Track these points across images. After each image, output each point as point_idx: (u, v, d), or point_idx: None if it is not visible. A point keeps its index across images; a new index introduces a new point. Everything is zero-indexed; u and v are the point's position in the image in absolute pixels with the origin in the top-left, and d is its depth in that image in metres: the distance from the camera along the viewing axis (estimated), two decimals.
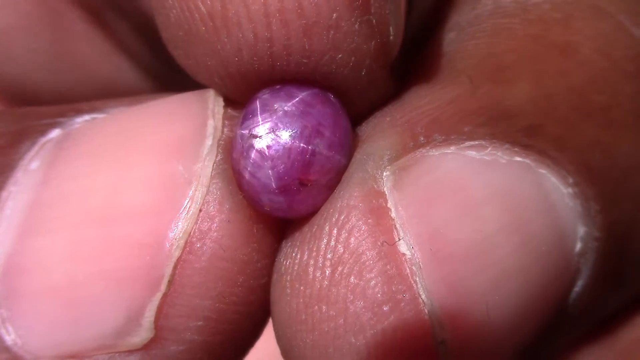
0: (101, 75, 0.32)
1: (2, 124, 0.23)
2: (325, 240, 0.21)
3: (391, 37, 0.21)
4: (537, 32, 0.24)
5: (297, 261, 0.21)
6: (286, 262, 0.21)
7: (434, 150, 0.21)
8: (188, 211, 0.21)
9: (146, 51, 0.32)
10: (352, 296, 0.20)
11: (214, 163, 0.21)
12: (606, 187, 0.22)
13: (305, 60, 0.21)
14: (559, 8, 0.24)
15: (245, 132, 0.21)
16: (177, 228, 0.20)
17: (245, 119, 0.21)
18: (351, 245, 0.21)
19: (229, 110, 0.22)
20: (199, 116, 0.22)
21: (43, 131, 0.22)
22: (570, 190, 0.22)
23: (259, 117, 0.21)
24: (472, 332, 0.21)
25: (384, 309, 0.20)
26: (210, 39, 0.21)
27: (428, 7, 0.26)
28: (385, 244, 0.20)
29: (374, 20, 0.21)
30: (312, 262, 0.21)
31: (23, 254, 0.21)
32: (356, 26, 0.20)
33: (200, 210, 0.21)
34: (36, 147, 0.22)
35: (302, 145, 0.21)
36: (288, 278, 0.21)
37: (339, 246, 0.21)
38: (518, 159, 0.21)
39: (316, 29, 0.20)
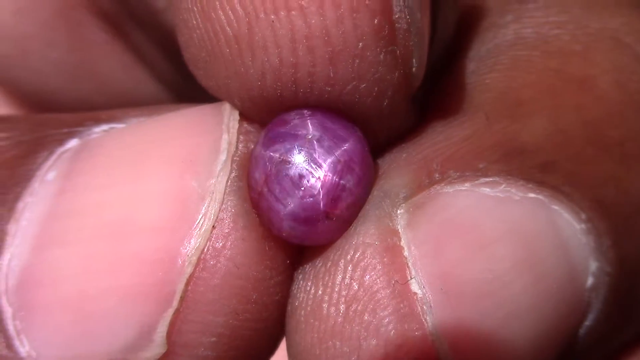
0: (119, 85, 0.32)
1: (19, 132, 0.22)
2: (340, 277, 0.21)
3: (414, 69, 0.21)
4: (556, 65, 0.24)
5: (311, 296, 0.21)
6: (300, 296, 0.22)
7: (448, 187, 0.21)
8: (201, 228, 0.20)
9: (165, 63, 0.32)
10: (365, 333, 0.21)
11: (227, 179, 0.21)
12: (618, 222, 0.22)
13: (328, 88, 0.21)
14: (578, 40, 0.24)
15: (275, 155, 0.21)
16: (190, 244, 0.20)
17: (273, 140, 0.21)
18: (366, 283, 0.21)
19: (245, 125, 0.22)
20: (214, 130, 0.21)
21: (61, 140, 0.22)
22: (583, 226, 0.22)
23: (292, 143, 0.21)
24: None
25: (397, 347, 0.20)
26: (234, 62, 0.21)
27: (449, 34, 0.26)
28: (398, 282, 0.21)
29: (398, 52, 0.21)
30: (326, 297, 0.21)
31: (37, 266, 0.21)
32: (381, 56, 0.20)
33: (214, 227, 0.20)
34: (53, 157, 0.22)
35: (335, 179, 0.21)
36: (302, 313, 0.21)
37: (354, 283, 0.21)
38: (532, 195, 0.22)
39: (342, 57, 0.20)
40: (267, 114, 0.22)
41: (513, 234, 0.21)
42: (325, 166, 0.21)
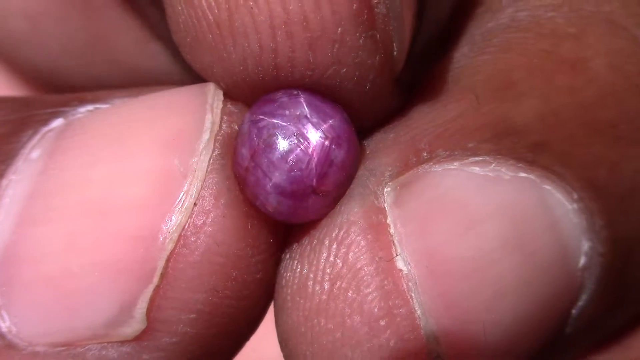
0: (133, 61, 0.32)
1: (4, 111, 0.23)
2: (324, 255, 0.21)
3: (395, 53, 0.21)
4: (549, 47, 0.24)
5: (297, 274, 0.21)
6: (287, 275, 0.22)
7: (437, 166, 0.21)
8: (182, 205, 0.21)
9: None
10: (349, 310, 0.21)
11: (210, 157, 0.21)
12: (611, 203, 0.22)
13: (309, 72, 0.21)
14: (573, 22, 0.24)
15: (263, 130, 0.21)
16: (171, 221, 0.20)
17: (261, 117, 0.21)
18: (349, 261, 0.21)
19: (229, 106, 0.22)
20: (198, 110, 0.22)
21: (45, 120, 0.22)
22: (575, 205, 0.22)
23: (280, 119, 0.21)
24: (468, 349, 0.21)
25: (381, 323, 0.21)
26: (217, 47, 0.21)
27: (444, 17, 0.26)
28: (382, 259, 0.21)
29: (378, 36, 0.21)
30: (311, 275, 0.21)
31: (20, 244, 0.21)
32: (360, 41, 0.20)
33: (195, 205, 0.21)
34: (38, 136, 0.22)
35: (323, 154, 0.21)
36: (289, 291, 0.22)
37: (338, 261, 0.21)
38: (522, 174, 0.22)
39: (321, 42, 0.20)
40: (252, 96, 0.22)
41: (502, 213, 0.21)
42: (313, 141, 0.21)
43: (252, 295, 0.22)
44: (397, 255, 0.21)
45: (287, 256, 0.22)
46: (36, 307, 0.21)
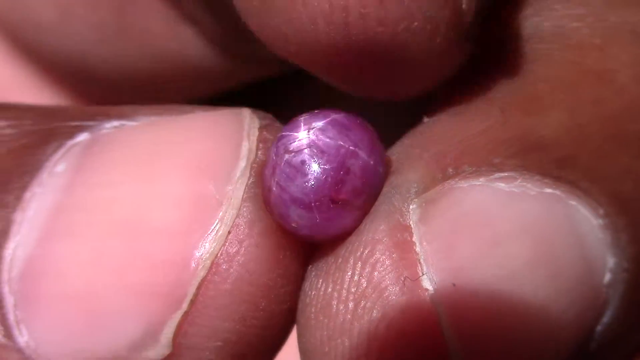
0: (165, 45, 0.32)
1: (29, 122, 0.22)
2: (349, 274, 0.21)
3: (464, 6, 0.21)
4: (574, 58, 0.24)
5: (321, 293, 0.21)
6: (311, 293, 0.22)
7: (462, 182, 0.21)
8: (217, 232, 0.20)
9: (211, 20, 0.31)
10: (374, 331, 0.20)
11: (246, 186, 0.21)
12: (637, 218, 0.22)
13: (381, 29, 0.20)
14: (598, 33, 0.24)
15: (281, 149, 0.21)
16: (204, 248, 0.20)
17: (281, 137, 0.21)
18: (374, 280, 0.21)
19: (264, 133, 0.22)
20: (234, 137, 0.21)
21: (71, 133, 0.22)
22: (600, 221, 0.22)
23: (296, 134, 0.21)
24: None
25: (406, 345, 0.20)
26: (286, 9, 0.21)
27: None
28: (408, 279, 0.20)
29: None
30: (335, 295, 0.21)
31: (43, 257, 0.20)
32: None
33: (229, 233, 0.21)
34: (63, 150, 0.22)
35: (336, 163, 0.21)
36: (312, 310, 0.21)
37: (363, 280, 0.21)
38: (548, 190, 0.21)
39: None
40: (323, 59, 0.22)
41: (528, 230, 0.21)
42: (326, 150, 0.21)
43: (278, 325, 0.22)
44: (423, 274, 0.20)
45: (313, 274, 0.22)
46: (57, 324, 0.20)
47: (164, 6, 0.31)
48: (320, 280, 0.21)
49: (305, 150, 0.21)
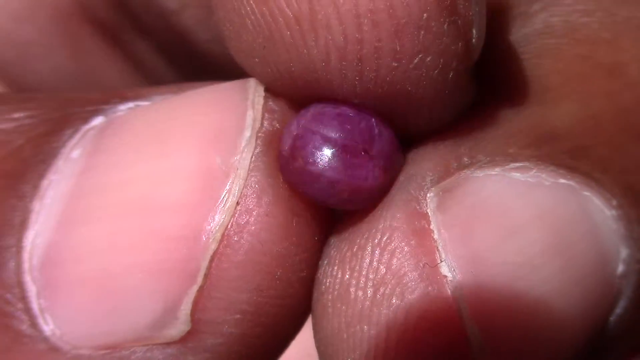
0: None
1: (45, 110, 0.22)
2: (367, 261, 0.21)
3: (474, 40, 0.21)
4: (584, 52, 0.24)
5: (338, 280, 0.21)
6: (327, 281, 0.22)
7: (478, 171, 0.21)
8: (225, 204, 0.20)
9: (167, 70, 0.32)
10: (393, 317, 0.20)
11: (252, 155, 0.21)
12: None
13: (395, 64, 0.20)
14: (607, 27, 0.24)
15: (311, 109, 0.21)
16: (213, 221, 0.20)
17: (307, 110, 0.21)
18: (393, 267, 0.21)
19: (270, 103, 0.22)
20: (239, 107, 0.21)
21: (86, 118, 0.22)
22: (614, 212, 0.22)
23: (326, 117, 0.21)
24: (513, 354, 0.21)
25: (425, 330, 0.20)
26: (296, 44, 0.20)
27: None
28: (427, 265, 0.20)
29: (460, 22, 0.20)
30: (353, 282, 0.21)
31: (62, 244, 0.21)
32: (445, 27, 0.20)
33: (238, 204, 0.20)
34: (78, 135, 0.22)
35: (367, 124, 0.21)
36: (329, 297, 0.21)
37: (381, 267, 0.21)
38: (562, 181, 0.21)
39: (407, 29, 0.20)
40: (332, 97, 0.22)
41: (544, 219, 0.21)
42: (361, 114, 0.21)
43: (297, 294, 0.21)
44: (441, 261, 0.20)
45: (325, 262, 0.22)
46: (79, 309, 0.20)
47: (118, 57, 0.32)
48: (336, 268, 0.21)
49: (342, 107, 0.21)
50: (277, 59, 0.21)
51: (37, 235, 0.21)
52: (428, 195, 0.21)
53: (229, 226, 0.20)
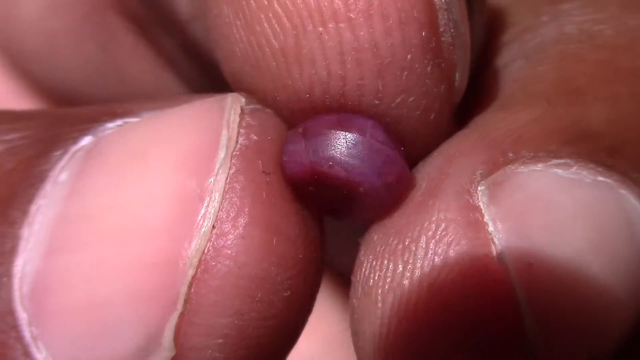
0: (147, 87, 0.33)
1: (35, 130, 0.22)
2: (422, 254, 0.21)
3: (457, 83, 0.21)
4: (605, 56, 0.24)
5: (389, 273, 0.21)
6: (374, 275, 0.21)
7: (523, 167, 0.21)
8: (200, 229, 0.20)
9: (194, 69, 0.32)
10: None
11: (227, 176, 0.20)
12: None
13: (377, 102, 0.21)
14: (622, 35, 0.24)
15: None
16: (190, 247, 0.20)
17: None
18: (451, 259, 0.21)
19: (247, 119, 0.21)
20: (214, 127, 0.21)
21: (75, 138, 0.22)
22: None
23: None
24: (568, 349, 0.21)
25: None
26: (281, 75, 0.21)
27: (480, 40, 0.27)
28: (485, 257, 0.20)
29: (444, 64, 0.21)
30: (407, 274, 0.21)
31: (49, 272, 0.21)
32: (428, 69, 0.20)
33: (214, 227, 0.20)
34: (67, 157, 0.22)
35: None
36: (379, 291, 0.21)
37: (437, 259, 0.21)
38: (601, 178, 0.21)
39: (390, 69, 0.20)
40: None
41: (587, 215, 0.21)
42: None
43: (281, 315, 0.21)
44: (497, 252, 0.20)
45: (370, 256, 0.22)
46: (69, 337, 0.21)
47: (146, 48, 0.32)
48: (385, 262, 0.21)
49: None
50: (264, 87, 0.21)
51: (26, 263, 0.21)
52: (479, 188, 0.21)
53: (205, 251, 0.20)
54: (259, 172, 0.21)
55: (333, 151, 0.21)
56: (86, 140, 0.22)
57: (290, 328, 0.21)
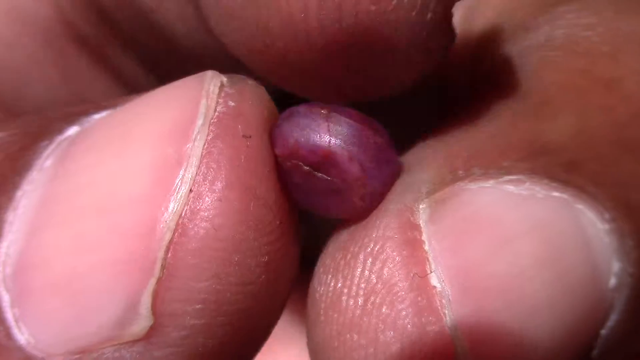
0: None
1: (24, 127, 0.23)
2: (359, 270, 0.21)
3: None
4: (583, 65, 0.24)
5: (330, 288, 0.21)
6: (320, 289, 0.22)
7: (472, 184, 0.21)
8: (178, 193, 0.20)
9: (150, 81, 0.33)
10: (383, 326, 0.21)
11: (204, 142, 0.20)
12: None
13: (373, 7, 0.20)
14: (608, 41, 0.24)
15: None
16: (167, 211, 0.20)
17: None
18: (384, 276, 0.21)
19: (226, 89, 0.21)
20: (193, 98, 0.21)
21: (61, 129, 0.23)
22: (606, 226, 0.21)
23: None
24: None
25: (413, 340, 0.20)
26: None
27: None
28: (417, 276, 0.20)
29: None
30: (345, 290, 0.21)
31: (31, 251, 0.21)
32: None
33: (191, 191, 0.20)
34: (53, 146, 0.22)
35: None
36: (322, 305, 0.21)
37: (373, 276, 0.21)
38: (556, 194, 0.21)
39: None
40: (310, 54, 0.22)
41: (536, 231, 0.21)
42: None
43: (259, 280, 0.21)
44: (431, 272, 0.21)
45: (321, 270, 0.22)
46: (50, 314, 0.20)
47: (102, 74, 0.32)
48: (330, 276, 0.22)
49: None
50: (257, 17, 0.21)
51: (9, 245, 0.21)
52: (421, 206, 0.21)
53: (182, 214, 0.20)
54: (238, 137, 0.21)
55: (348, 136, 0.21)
56: (72, 130, 0.22)
57: (270, 298, 0.21)
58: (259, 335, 0.22)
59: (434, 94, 0.30)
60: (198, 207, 0.20)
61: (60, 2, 0.31)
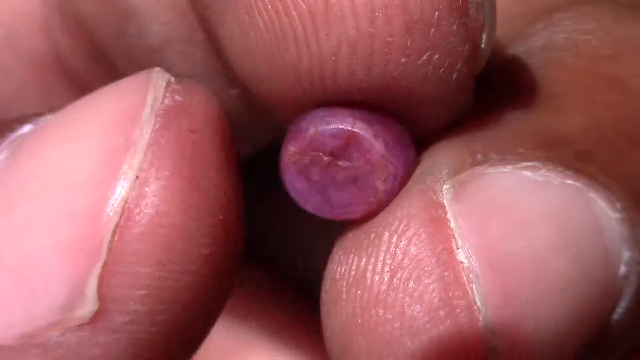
0: None
1: None
2: (384, 247, 0.21)
3: (482, 45, 0.22)
4: (586, 65, 0.25)
5: (354, 267, 0.22)
6: (341, 269, 0.22)
7: (491, 168, 0.22)
8: (125, 178, 0.20)
9: None
10: (409, 300, 0.21)
11: (151, 131, 0.21)
12: None
13: (404, 60, 0.21)
14: (608, 45, 0.25)
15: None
16: (114, 195, 0.20)
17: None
18: (411, 252, 0.21)
19: (172, 85, 0.22)
20: (141, 90, 0.22)
21: (15, 128, 0.23)
22: (617, 215, 0.22)
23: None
24: (522, 342, 0.21)
25: (440, 313, 0.21)
26: (307, 38, 0.21)
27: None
28: (444, 251, 0.21)
29: (470, 24, 0.21)
30: (370, 267, 0.21)
31: None
32: (454, 27, 0.21)
33: (137, 177, 0.20)
34: (6, 143, 0.23)
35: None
36: (344, 283, 0.22)
37: (398, 252, 0.21)
38: (569, 181, 0.22)
39: (419, 26, 0.21)
40: (329, 97, 0.22)
41: (552, 216, 0.21)
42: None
43: (200, 272, 0.21)
44: (457, 248, 0.21)
45: (340, 252, 0.22)
46: (2, 300, 0.21)
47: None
48: (352, 256, 0.22)
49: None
50: (286, 55, 0.21)
51: None
52: (444, 186, 0.22)
53: (129, 199, 0.20)
54: (185, 130, 0.21)
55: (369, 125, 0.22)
56: (26, 128, 0.23)
57: (210, 290, 0.22)
58: (201, 327, 0.22)
59: None
60: (143, 193, 0.20)
61: (54, 37, 0.31)
